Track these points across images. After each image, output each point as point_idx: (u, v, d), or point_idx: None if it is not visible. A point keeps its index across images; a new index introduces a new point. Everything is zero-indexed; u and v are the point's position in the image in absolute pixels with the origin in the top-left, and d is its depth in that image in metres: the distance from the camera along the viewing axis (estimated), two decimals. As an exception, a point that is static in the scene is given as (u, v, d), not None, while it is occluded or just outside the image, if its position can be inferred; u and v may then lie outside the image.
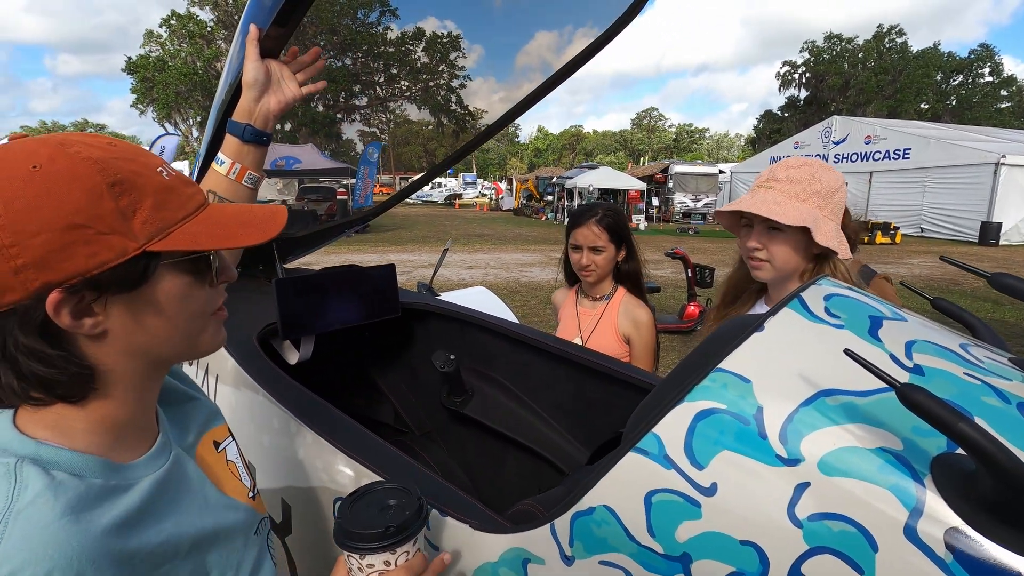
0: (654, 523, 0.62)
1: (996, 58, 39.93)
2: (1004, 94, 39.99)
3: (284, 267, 1.97)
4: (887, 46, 40.38)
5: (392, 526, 0.67)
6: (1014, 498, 0.47)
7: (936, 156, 17.55)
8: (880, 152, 19.61)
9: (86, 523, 0.50)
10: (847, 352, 0.54)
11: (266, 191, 18.80)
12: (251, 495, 0.74)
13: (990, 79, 40.09)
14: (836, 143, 21.39)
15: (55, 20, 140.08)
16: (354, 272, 1.63)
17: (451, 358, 1.61)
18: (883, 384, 0.51)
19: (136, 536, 0.54)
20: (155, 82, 27.12)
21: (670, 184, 22.59)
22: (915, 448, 0.54)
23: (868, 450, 0.54)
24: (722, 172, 24.74)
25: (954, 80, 41.01)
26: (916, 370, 0.60)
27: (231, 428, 0.80)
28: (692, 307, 6.03)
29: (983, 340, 0.77)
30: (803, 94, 42.85)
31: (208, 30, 28.38)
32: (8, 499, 0.48)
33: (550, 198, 24.28)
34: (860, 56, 40.79)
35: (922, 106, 39.34)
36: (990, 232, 15.56)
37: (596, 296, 1.88)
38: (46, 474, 0.50)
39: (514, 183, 29.86)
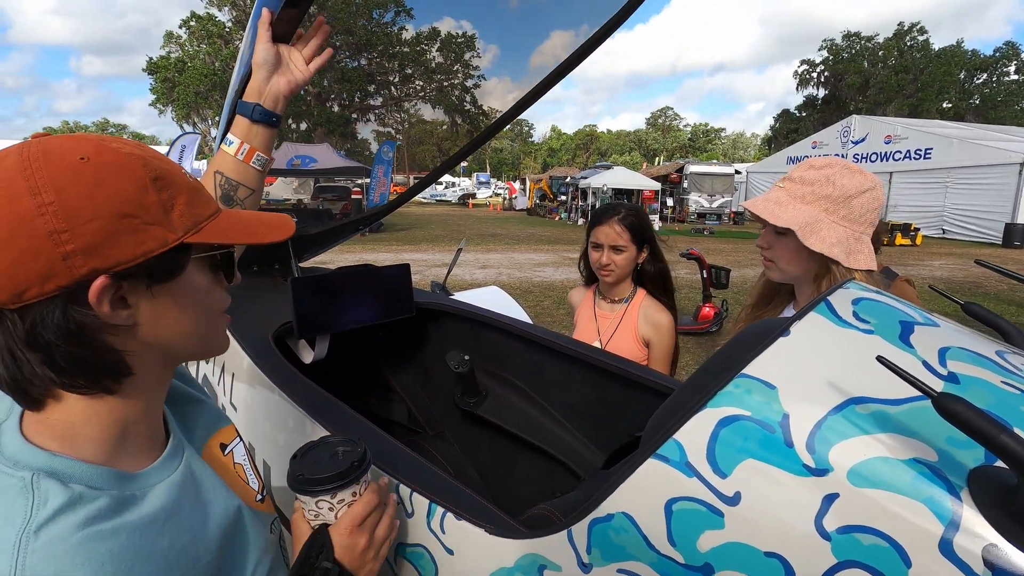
0: (675, 532, 0.60)
1: (1022, 56, 38.98)
2: (1030, 93, 39.05)
3: (300, 266, 1.98)
4: (908, 44, 39.64)
5: (339, 471, 0.74)
6: (1058, 514, 0.45)
7: (959, 156, 17.20)
8: (900, 152, 19.28)
9: (111, 530, 0.49)
10: (880, 359, 0.52)
11: (282, 189, 18.99)
12: (259, 498, 0.74)
13: (1015, 77, 39.13)
14: (855, 143, 21.06)
15: (80, 22, 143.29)
16: (369, 272, 1.63)
17: (465, 358, 1.60)
18: (916, 393, 0.49)
19: (163, 539, 0.53)
20: (175, 83, 27.51)
21: (685, 184, 22.41)
22: (950, 460, 0.51)
23: (901, 461, 0.52)
24: (738, 172, 24.48)
25: (978, 78, 40.10)
26: (951, 378, 0.58)
27: (247, 426, 0.80)
28: (707, 308, 5.97)
29: (1018, 346, 0.74)
30: (821, 93, 42.25)
31: (226, 30, 28.72)
32: (26, 515, 0.47)
33: (564, 198, 24.23)
34: (880, 54, 40.08)
35: (944, 105, 38.51)
36: (1015, 234, 15.23)
37: (615, 298, 1.84)
38: (65, 488, 0.50)
39: (527, 183, 29.84)
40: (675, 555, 0.60)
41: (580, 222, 20.34)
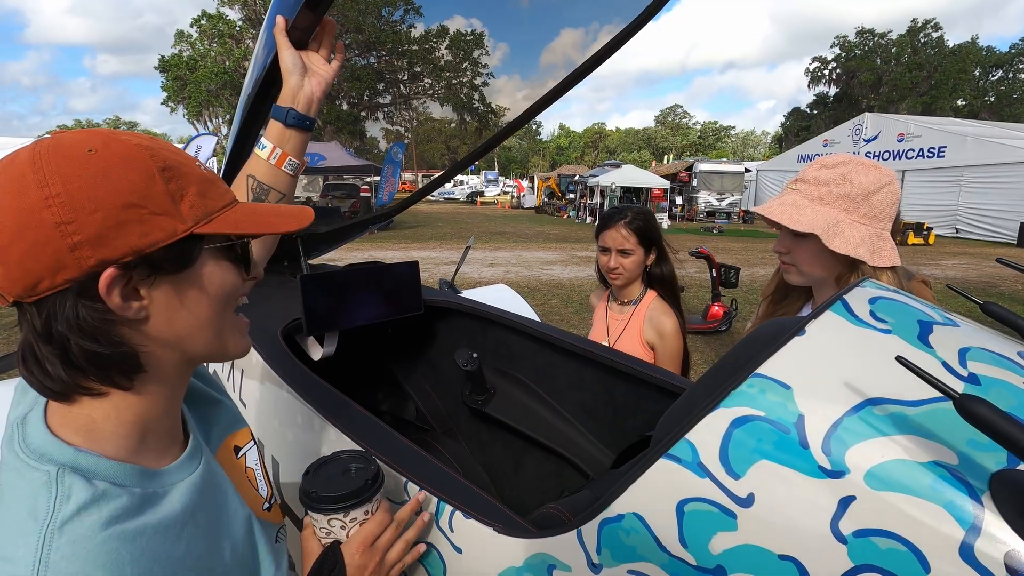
0: (686, 533, 0.59)
1: (1039, 53, 38.39)
2: (1047, 90, 38.42)
3: (309, 263, 1.98)
4: (922, 41, 39.15)
5: (351, 490, 0.74)
6: (1084, 520, 0.43)
7: (973, 154, 16.95)
8: (914, 150, 19.04)
9: (134, 532, 0.49)
10: (899, 360, 0.51)
11: (291, 188, 19.05)
12: (265, 506, 0.74)
13: (1032, 75, 38.57)
14: (867, 141, 20.83)
15: (96, 21, 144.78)
16: (378, 269, 1.63)
17: (474, 356, 1.60)
18: (935, 394, 0.48)
19: (180, 544, 0.53)
20: (187, 80, 27.69)
21: (694, 182, 22.29)
22: (971, 463, 0.50)
23: (920, 464, 0.51)
24: (748, 170, 24.32)
25: (993, 75, 39.53)
26: (971, 379, 0.57)
27: (257, 422, 0.80)
28: (716, 307, 5.94)
29: (1039, 348, 0.72)
30: (833, 91, 41.86)
31: (237, 29, 28.87)
32: (49, 510, 0.47)
33: (572, 196, 24.17)
34: (893, 51, 39.62)
35: (959, 103, 38.01)
36: (1030, 233, 15.01)
37: (625, 300, 1.86)
38: (89, 484, 0.50)
39: (536, 181, 29.80)
40: (687, 557, 0.59)
41: (588, 220, 20.28)
